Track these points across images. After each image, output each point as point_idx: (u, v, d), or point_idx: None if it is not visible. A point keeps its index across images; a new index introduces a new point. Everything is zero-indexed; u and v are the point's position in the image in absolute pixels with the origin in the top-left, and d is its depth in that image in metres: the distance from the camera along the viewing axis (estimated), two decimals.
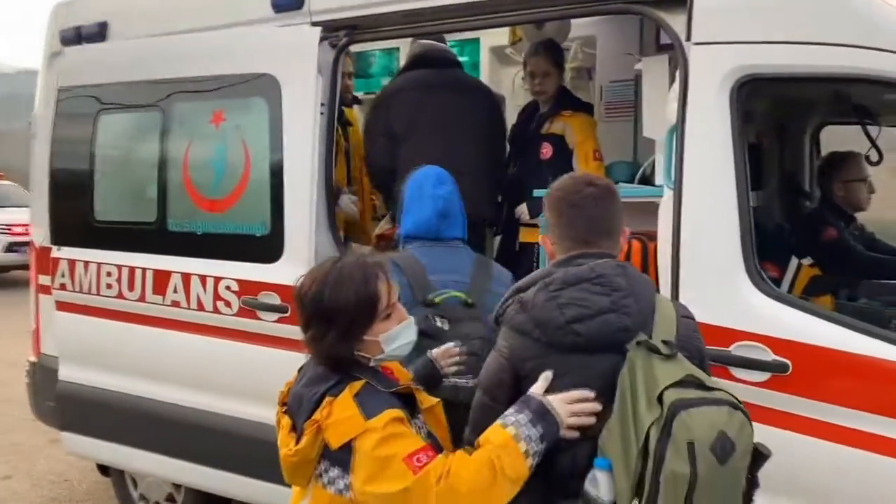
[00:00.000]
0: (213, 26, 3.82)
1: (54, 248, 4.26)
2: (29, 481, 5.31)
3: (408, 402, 1.99)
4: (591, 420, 1.90)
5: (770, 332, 2.55)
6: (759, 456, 1.90)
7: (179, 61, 3.82)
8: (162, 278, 3.83)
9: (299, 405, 1.95)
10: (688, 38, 2.71)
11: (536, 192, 3.50)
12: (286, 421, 1.99)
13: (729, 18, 2.64)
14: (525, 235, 4.06)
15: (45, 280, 4.35)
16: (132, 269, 3.94)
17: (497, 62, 5.17)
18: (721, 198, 2.64)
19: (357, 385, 1.91)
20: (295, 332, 3.31)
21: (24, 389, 4.75)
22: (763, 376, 2.56)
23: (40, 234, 4.44)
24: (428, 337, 2.51)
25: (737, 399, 1.88)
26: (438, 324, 2.64)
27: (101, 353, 4.10)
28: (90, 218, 4.15)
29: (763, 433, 2.51)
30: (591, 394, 1.90)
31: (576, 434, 1.89)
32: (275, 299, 3.49)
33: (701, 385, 1.86)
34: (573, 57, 4.73)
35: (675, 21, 2.78)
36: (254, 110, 3.61)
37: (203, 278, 3.71)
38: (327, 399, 1.89)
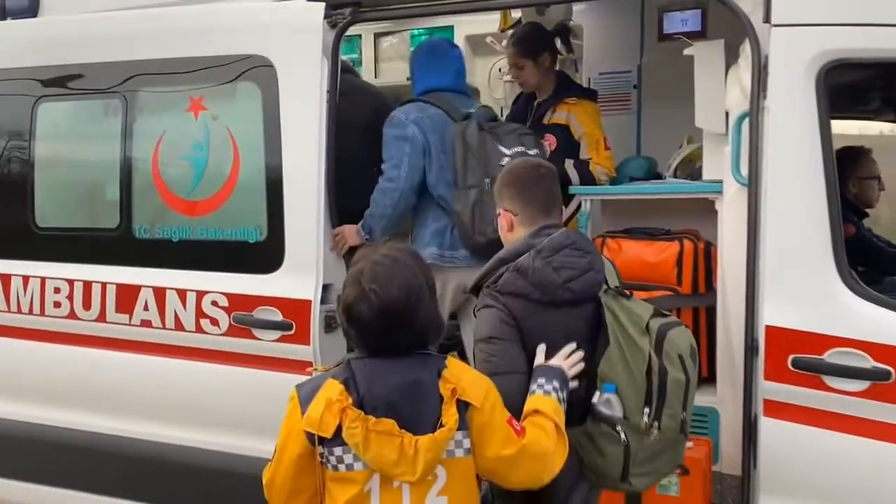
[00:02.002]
0: (174, 2, 3.31)
1: None
2: None
3: None
4: (582, 365, 2.25)
5: (869, 337, 2.36)
6: None
7: (147, 40, 3.28)
8: (128, 294, 3.28)
9: (413, 400, 1.92)
10: (766, 20, 2.49)
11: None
12: (388, 425, 1.89)
13: None
14: None
15: None
16: (88, 284, 3.35)
17: (471, 52, 4.84)
18: (809, 193, 2.43)
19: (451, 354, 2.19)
20: (301, 351, 2.92)
21: None
22: (862, 385, 2.38)
23: None
24: None
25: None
26: None
27: (45, 384, 3.48)
28: (30, 225, 3.52)
29: (863, 447, 2.38)
30: (573, 345, 2.25)
31: (576, 382, 2.24)
32: (276, 315, 3.04)
33: (661, 314, 2.33)
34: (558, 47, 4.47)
35: (744, 1, 2.56)
36: (242, 97, 3.14)
37: (182, 293, 3.19)
38: (444, 372, 1.96)
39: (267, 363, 3.06)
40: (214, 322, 3.14)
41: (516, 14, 4.29)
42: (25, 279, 3.49)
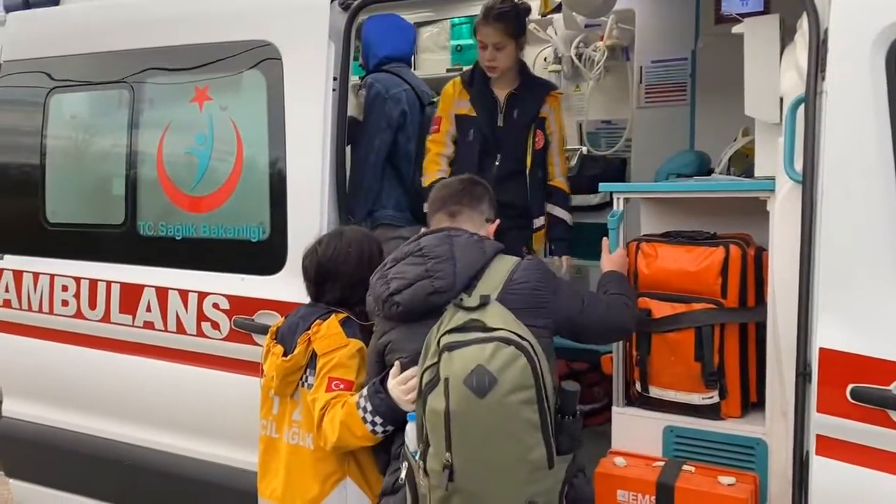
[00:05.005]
0: None
1: None
2: None
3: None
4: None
5: None
6: (566, 394, 2.00)
7: (152, 29, 3.15)
8: (132, 294, 3.15)
9: (294, 331, 2.47)
10: None
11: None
12: (278, 349, 2.47)
13: None
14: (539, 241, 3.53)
15: None
16: (94, 283, 3.25)
17: None
18: (874, 193, 2.05)
19: (341, 315, 2.46)
20: None
21: None
22: None
23: None
24: None
25: (521, 337, 1.93)
26: None
27: (54, 385, 3.39)
28: (41, 220, 3.45)
29: None
30: (415, 370, 2.08)
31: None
32: (276, 320, 2.81)
33: (484, 328, 1.97)
34: (608, 34, 4.12)
35: None
36: (247, 86, 2.98)
37: (184, 294, 3.03)
38: (317, 321, 2.43)
39: None
40: (215, 326, 2.99)
41: None
42: (35, 276, 3.39)
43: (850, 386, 2.06)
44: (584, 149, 4.29)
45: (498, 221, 2.45)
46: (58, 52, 3.36)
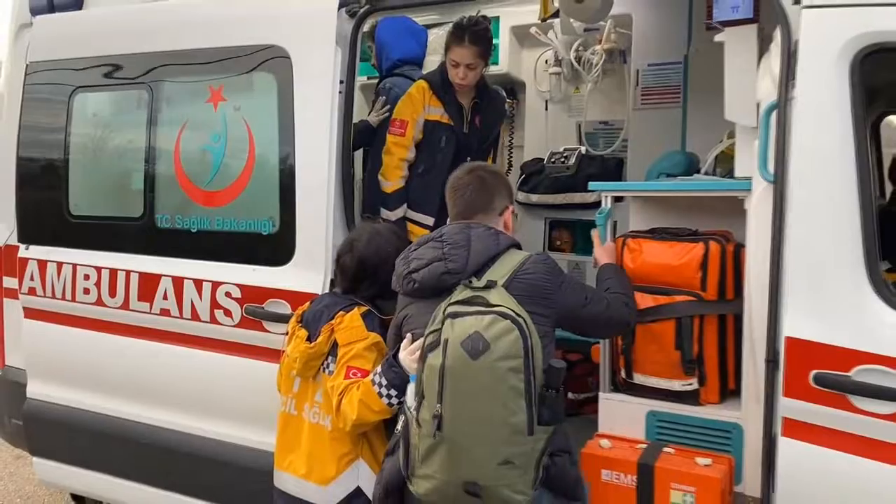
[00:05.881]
0: None
1: (22, 246, 3.72)
2: None
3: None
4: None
5: None
6: (552, 370, 2.16)
7: (170, 32, 3.31)
8: (149, 282, 3.32)
9: (319, 319, 2.63)
10: (796, 1, 2.27)
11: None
12: (302, 332, 2.64)
13: None
14: None
15: (11, 283, 3.81)
16: (114, 272, 3.41)
17: (518, 44, 4.69)
18: (839, 193, 2.19)
19: (363, 308, 2.62)
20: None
21: None
22: (892, 407, 2.12)
23: (6, 231, 3.88)
24: None
25: (517, 314, 2.11)
26: None
27: (76, 368, 3.57)
28: (64, 213, 3.62)
29: (891, 476, 2.14)
30: (409, 336, 2.36)
31: None
32: (284, 308, 3.00)
33: (487, 304, 2.16)
34: (605, 38, 4.27)
35: None
36: (259, 88, 3.13)
37: (198, 283, 3.20)
38: (340, 312, 2.60)
39: (276, 357, 3.00)
40: (228, 313, 3.14)
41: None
42: (59, 266, 3.58)
43: (813, 372, 2.20)
44: (583, 149, 4.42)
45: (512, 207, 2.60)
46: (81, 54, 3.52)
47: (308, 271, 2.98)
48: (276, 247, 3.05)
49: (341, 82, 2.97)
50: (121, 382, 3.44)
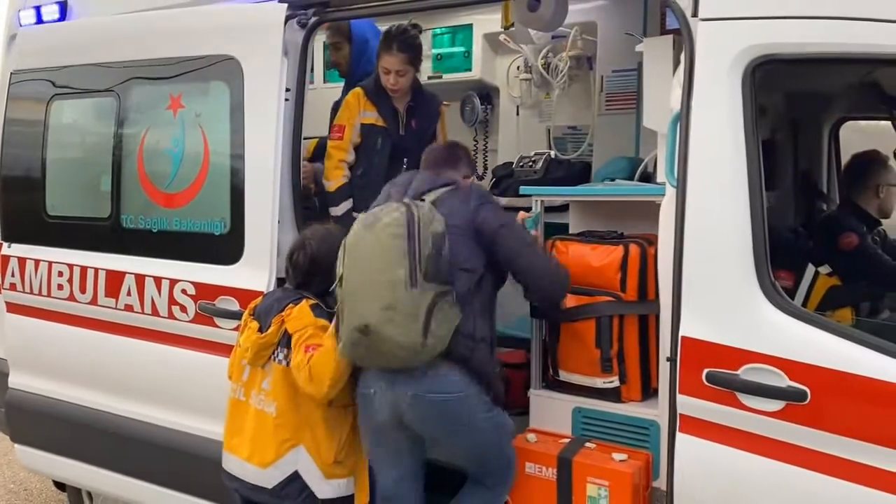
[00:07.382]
0: (175, 4, 3.49)
1: (4, 245, 3.95)
2: None
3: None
4: None
5: (786, 353, 2.19)
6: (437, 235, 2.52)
7: (136, 42, 3.49)
8: (115, 280, 3.50)
9: (269, 312, 2.81)
10: (694, 14, 2.36)
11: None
12: (254, 324, 2.83)
13: None
14: None
15: None
16: (84, 269, 3.61)
17: (492, 50, 4.79)
18: (731, 199, 2.27)
19: (311, 301, 2.81)
20: None
21: None
22: (777, 405, 2.20)
23: None
24: None
25: (416, 207, 2.52)
26: None
27: (51, 360, 3.78)
28: (42, 213, 3.83)
29: (776, 471, 2.22)
30: None
31: None
32: (233, 305, 3.16)
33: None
34: (571, 44, 4.35)
35: None
36: (214, 96, 3.28)
37: (158, 280, 3.37)
38: (290, 305, 2.79)
39: (227, 351, 3.16)
40: (183, 309, 3.30)
41: None
42: (36, 263, 3.78)
43: (706, 370, 2.29)
44: (552, 153, 4.51)
45: (473, 178, 2.97)
46: (58, 63, 3.73)
47: (256, 270, 3.12)
48: (227, 246, 3.20)
49: (288, 90, 3.10)
50: (91, 375, 3.63)
